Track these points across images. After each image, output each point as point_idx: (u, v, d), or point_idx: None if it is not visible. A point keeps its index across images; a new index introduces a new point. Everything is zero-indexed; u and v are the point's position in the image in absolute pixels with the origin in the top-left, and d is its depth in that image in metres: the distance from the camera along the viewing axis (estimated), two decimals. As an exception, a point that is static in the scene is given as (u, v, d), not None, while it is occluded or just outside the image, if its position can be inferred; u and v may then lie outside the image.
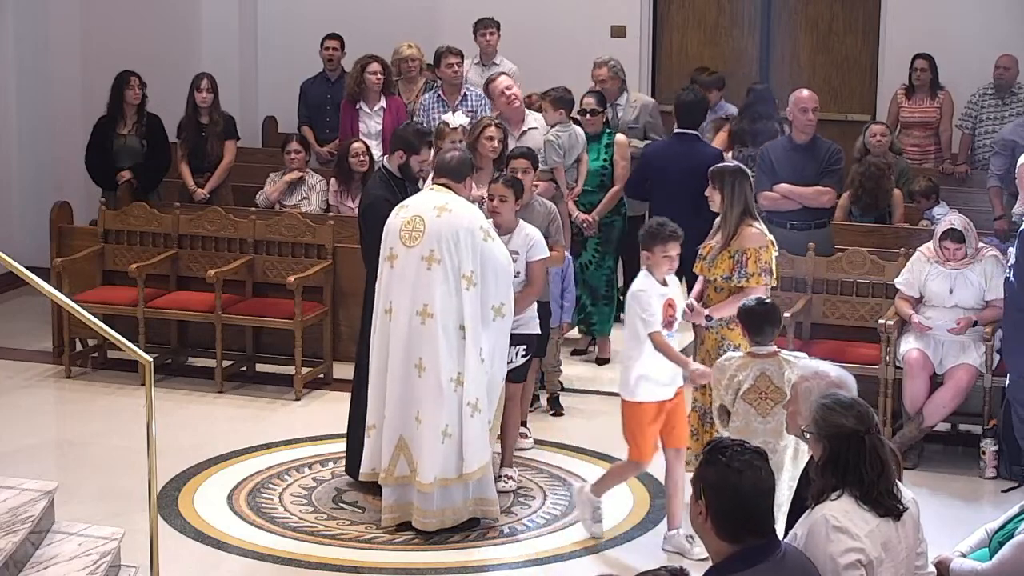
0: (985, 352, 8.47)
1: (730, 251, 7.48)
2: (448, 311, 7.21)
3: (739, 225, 7.46)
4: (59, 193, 11.41)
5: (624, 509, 7.79)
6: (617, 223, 10.15)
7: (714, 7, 13.16)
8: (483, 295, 7.29)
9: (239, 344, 10.04)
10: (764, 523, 4.21)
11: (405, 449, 7.29)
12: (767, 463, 4.26)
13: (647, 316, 7.04)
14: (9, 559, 5.73)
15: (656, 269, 7.10)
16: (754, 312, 6.74)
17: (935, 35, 12.06)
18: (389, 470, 7.34)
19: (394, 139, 8.16)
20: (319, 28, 12.29)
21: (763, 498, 4.21)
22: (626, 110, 10.65)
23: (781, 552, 4.25)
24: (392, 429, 7.31)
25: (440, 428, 7.21)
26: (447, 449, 7.25)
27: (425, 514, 7.32)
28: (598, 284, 10.00)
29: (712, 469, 4.22)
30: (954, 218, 8.70)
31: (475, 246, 7.26)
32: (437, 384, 7.19)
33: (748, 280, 7.44)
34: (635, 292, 7.12)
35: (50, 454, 8.66)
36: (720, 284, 7.53)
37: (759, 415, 6.61)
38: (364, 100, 11.06)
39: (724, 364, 6.78)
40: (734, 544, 4.17)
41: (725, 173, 7.58)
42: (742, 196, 7.47)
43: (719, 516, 4.17)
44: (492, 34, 11.59)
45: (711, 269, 7.56)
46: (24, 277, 6.51)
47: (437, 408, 7.21)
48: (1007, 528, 5.59)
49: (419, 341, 7.22)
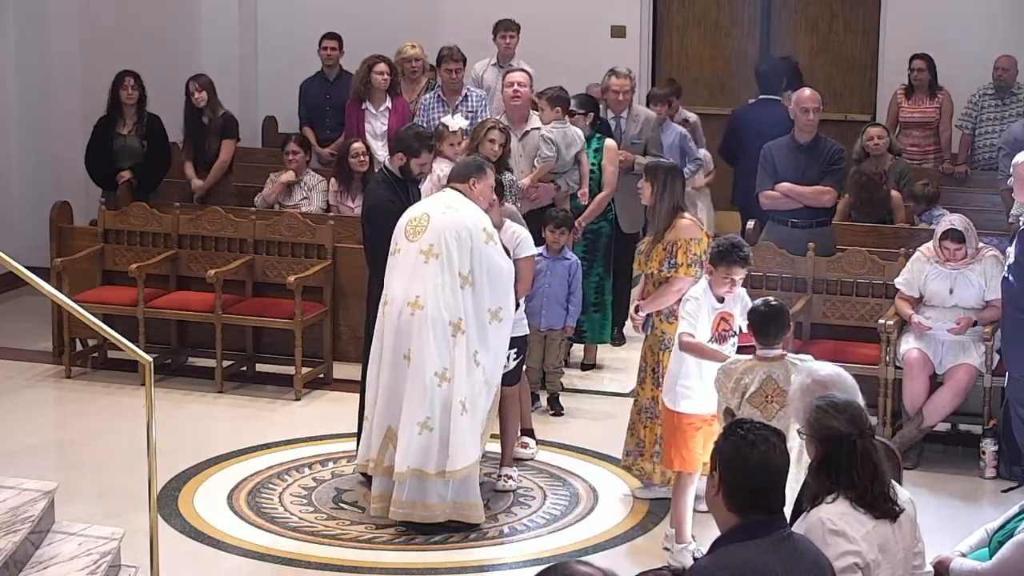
0: (985, 352, 8.47)
1: (664, 243, 7.53)
2: (440, 306, 7.22)
3: (671, 218, 7.52)
4: (59, 193, 11.40)
5: (624, 509, 7.79)
6: (604, 229, 10.07)
7: (714, 7, 13.17)
8: (479, 298, 7.31)
9: (239, 344, 10.04)
10: (774, 499, 4.24)
11: (394, 439, 7.28)
12: (783, 442, 4.29)
13: (685, 315, 7.03)
14: (9, 559, 5.73)
15: (716, 286, 7.08)
16: (758, 313, 6.73)
17: (935, 35, 12.06)
18: (378, 460, 7.35)
19: (395, 141, 8.20)
20: (319, 28, 12.29)
21: (774, 473, 4.23)
22: (629, 123, 10.57)
23: (786, 532, 4.27)
24: (381, 419, 7.33)
25: (419, 419, 7.20)
26: (425, 441, 7.21)
27: (395, 503, 7.31)
28: (586, 292, 9.89)
29: (728, 442, 4.26)
30: (954, 218, 8.70)
31: (474, 247, 7.28)
32: (421, 377, 7.20)
33: (676, 270, 7.46)
34: (684, 297, 7.13)
35: (50, 454, 8.66)
36: (657, 278, 7.58)
37: (765, 418, 6.54)
38: (370, 100, 11.04)
39: (730, 367, 6.74)
40: (741, 518, 4.20)
41: (659, 169, 7.70)
42: (674, 192, 7.55)
43: (730, 488, 4.20)
44: (512, 36, 11.48)
45: (647, 263, 7.62)
46: (24, 277, 6.51)
47: (419, 399, 7.20)
48: (1007, 528, 5.59)
49: (408, 332, 7.24)
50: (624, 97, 10.50)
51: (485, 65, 11.48)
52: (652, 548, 7.29)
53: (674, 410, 7.09)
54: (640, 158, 10.34)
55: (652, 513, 7.71)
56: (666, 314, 7.54)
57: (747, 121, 11.13)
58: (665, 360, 7.43)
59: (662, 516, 7.62)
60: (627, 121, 10.54)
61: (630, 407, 7.93)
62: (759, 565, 4.11)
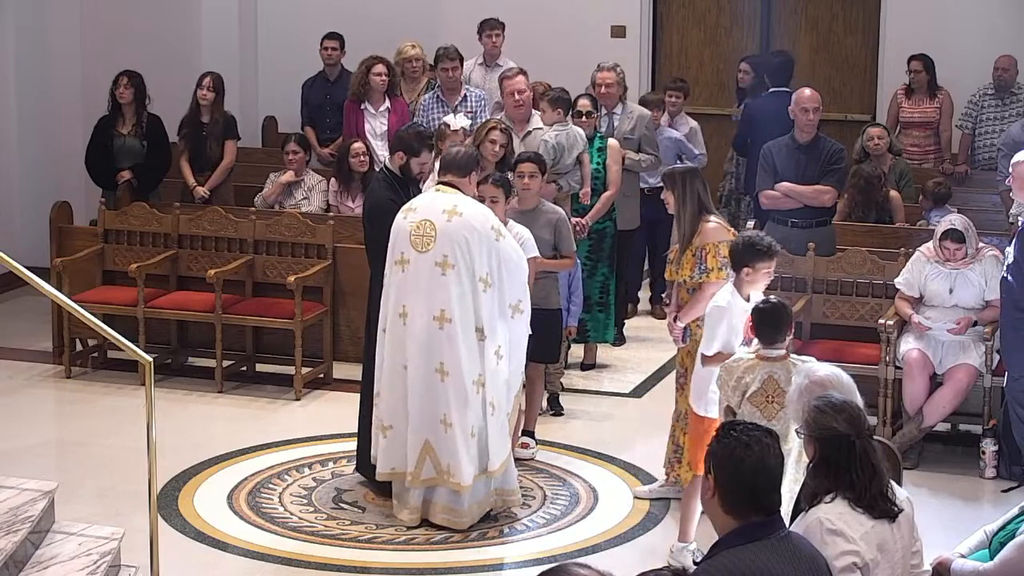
0: (985, 352, 8.47)
1: (692, 249, 7.47)
2: (465, 315, 7.26)
3: (696, 223, 7.46)
4: (59, 193, 11.39)
5: (624, 509, 7.79)
6: (609, 229, 10.05)
7: (714, 7, 13.16)
8: (500, 294, 7.35)
9: (239, 344, 10.04)
10: (769, 501, 4.23)
11: (431, 452, 7.34)
12: (777, 443, 4.28)
13: (708, 332, 6.94)
14: (9, 559, 5.73)
15: (752, 286, 6.95)
16: (762, 312, 6.70)
17: (935, 35, 12.06)
18: (415, 473, 7.38)
19: (395, 141, 8.18)
20: (319, 28, 12.29)
21: (768, 475, 4.22)
22: (623, 120, 10.57)
23: (784, 532, 4.27)
24: (416, 433, 7.34)
25: (468, 430, 7.29)
26: (476, 448, 7.35)
27: (459, 513, 7.38)
28: (591, 292, 9.87)
29: (722, 444, 4.25)
30: (954, 218, 8.70)
31: (489, 247, 7.30)
32: (462, 388, 7.25)
33: (707, 275, 7.40)
34: (712, 309, 6.97)
35: (50, 454, 8.66)
36: (690, 285, 7.51)
37: (765, 418, 6.52)
38: (368, 101, 11.04)
39: (732, 365, 6.72)
40: (738, 520, 4.19)
41: (675, 174, 7.59)
42: (694, 194, 7.46)
43: (726, 490, 4.19)
44: (497, 35, 11.51)
45: (678, 271, 7.55)
46: (24, 277, 6.51)
47: (464, 411, 7.27)
48: (1008, 528, 5.59)
49: (439, 346, 7.26)
50: (609, 91, 10.45)
51: (472, 65, 11.47)
52: (652, 548, 7.29)
53: (704, 416, 7.02)
54: (632, 154, 10.37)
55: (652, 513, 7.71)
56: (702, 319, 7.46)
57: (760, 113, 11.17)
58: None
59: (662, 516, 7.62)
60: (620, 117, 10.55)
61: (629, 407, 7.92)
62: (759, 568, 4.10)
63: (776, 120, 10.26)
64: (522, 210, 8.40)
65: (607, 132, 10.28)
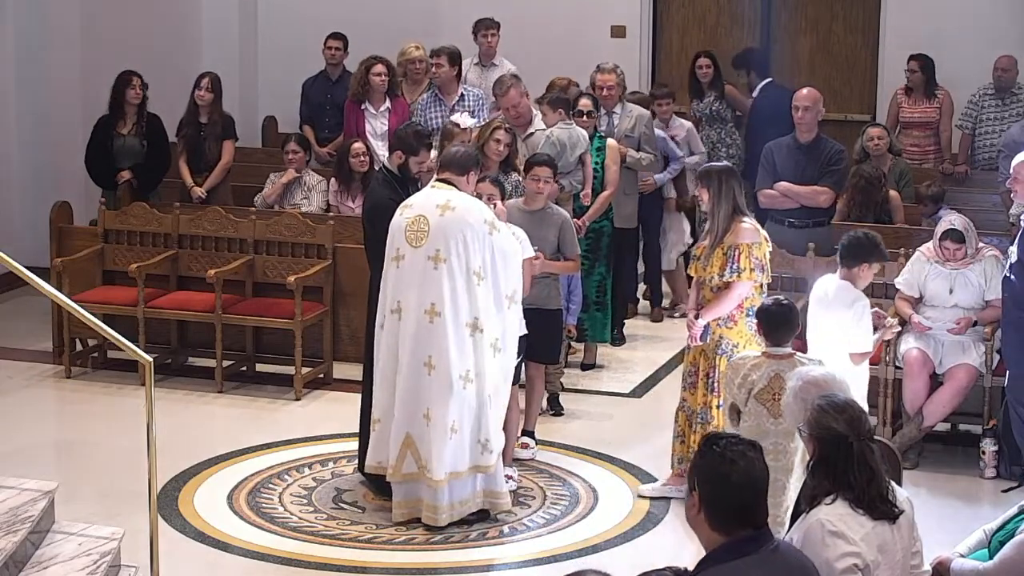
0: (985, 352, 8.47)
1: (723, 247, 7.45)
2: (456, 309, 7.24)
3: (730, 222, 7.44)
4: (59, 193, 11.40)
5: (624, 509, 7.79)
6: (606, 229, 10.06)
7: (714, 7, 13.16)
8: (496, 287, 7.36)
9: (239, 344, 10.04)
10: (756, 514, 4.17)
11: (412, 446, 7.33)
12: (761, 455, 4.22)
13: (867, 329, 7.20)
14: (9, 559, 5.73)
15: (860, 281, 7.13)
16: (768, 312, 6.71)
17: (935, 35, 12.06)
18: (396, 467, 7.38)
19: (394, 140, 8.20)
20: (319, 28, 12.29)
21: (755, 489, 4.15)
22: (622, 119, 10.58)
23: (773, 545, 4.20)
24: (399, 426, 7.35)
25: (448, 425, 7.27)
26: (455, 445, 7.31)
27: (436, 509, 7.36)
28: (588, 291, 9.88)
29: (705, 460, 4.18)
30: (954, 218, 8.69)
31: (482, 241, 7.30)
32: (447, 382, 7.23)
33: (739, 276, 7.40)
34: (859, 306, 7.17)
35: (50, 454, 8.67)
36: (717, 284, 7.50)
37: (771, 416, 6.53)
38: (369, 101, 11.03)
39: (738, 362, 6.72)
40: (726, 536, 4.13)
41: (712, 172, 7.59)
42: (730, 193, 7.45)
43: (711, 507, 4.13)
44: (493, 35, 11.53)
45: (705, 269, 7.53)
46: (24, 277, 6.50)
47: (446, 405, 7.26)
48: (1007, 528, 5.59)
49: (428, 339, 7.25)
50: (609, 92, 10.49)
51: (467, 65, 11.45)
52: (652, 548, 7.29)
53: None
54: (632, 152, 10.40)
55: (652, 513, 7.71)
56: (724, 319, 7.48)
57: (764, 106, 11.28)
58: (722, 365, 7.34)
59: (662, 516, 7.62)
60: (620, 116, 10.57)
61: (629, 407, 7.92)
62: None
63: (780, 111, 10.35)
64: (529, 210, 8.40)
65: (607, 132, 10.30)
